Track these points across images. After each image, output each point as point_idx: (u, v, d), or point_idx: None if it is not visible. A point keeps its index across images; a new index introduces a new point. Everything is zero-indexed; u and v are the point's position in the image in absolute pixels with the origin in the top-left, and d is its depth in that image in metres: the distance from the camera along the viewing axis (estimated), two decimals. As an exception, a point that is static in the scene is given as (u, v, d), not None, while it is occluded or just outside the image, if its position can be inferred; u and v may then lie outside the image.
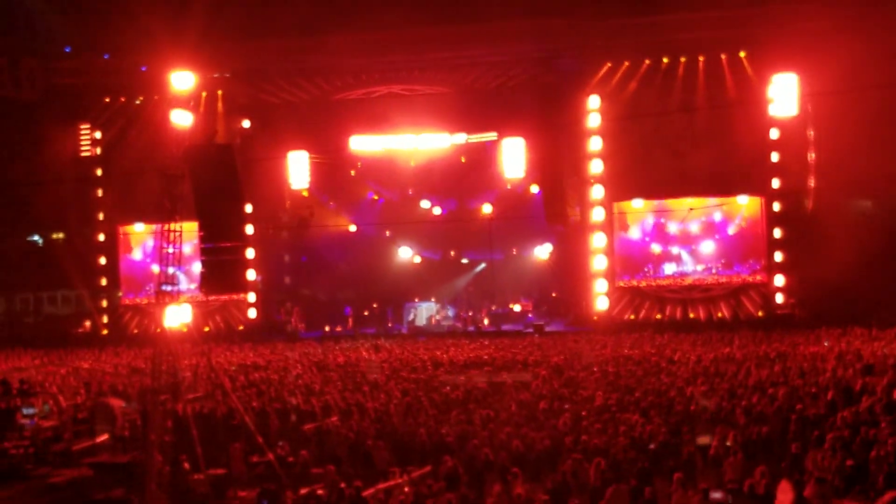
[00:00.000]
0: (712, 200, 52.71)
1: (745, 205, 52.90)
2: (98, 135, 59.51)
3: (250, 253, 49.61)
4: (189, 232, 29.28)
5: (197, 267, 33.56)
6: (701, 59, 52.58)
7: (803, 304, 50.38)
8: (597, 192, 53.99)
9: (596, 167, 53.68)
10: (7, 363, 44.37)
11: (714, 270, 53.35)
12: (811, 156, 51.66)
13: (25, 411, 29.90)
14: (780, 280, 51.82)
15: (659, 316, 53.01)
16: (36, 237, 65.08)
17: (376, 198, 63.58)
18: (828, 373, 29.79)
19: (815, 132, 51.68)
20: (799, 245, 50.50)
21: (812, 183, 51.69)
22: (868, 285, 44.12)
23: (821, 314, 46.84)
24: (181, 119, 27.70)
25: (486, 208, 60.28)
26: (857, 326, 43.02)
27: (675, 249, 53.79)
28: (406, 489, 18.95)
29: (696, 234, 53.52)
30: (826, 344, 36.71)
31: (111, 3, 57.62)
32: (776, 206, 52.07)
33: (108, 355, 46.75)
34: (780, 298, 51.87)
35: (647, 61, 53.33)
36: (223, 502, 22.04)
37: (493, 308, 58.63)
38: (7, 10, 59.85)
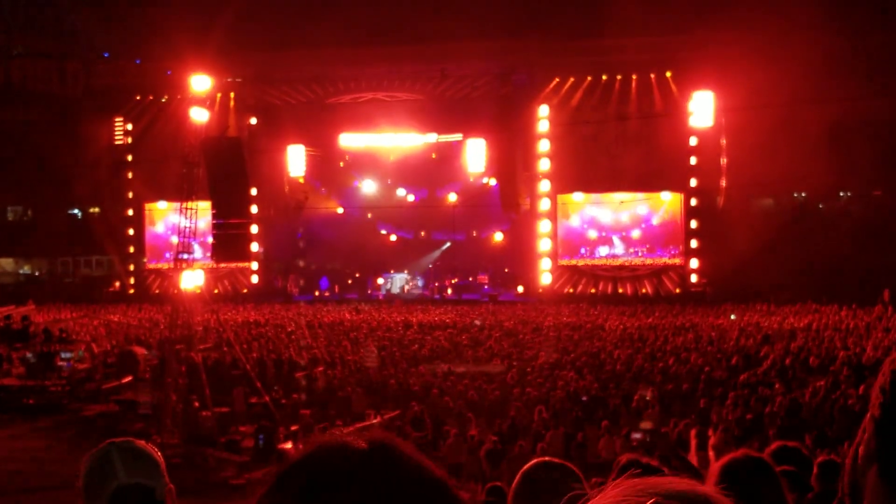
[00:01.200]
0: (639, 195, 52.80)
1: (668, 200, 53.03)
2: (129, 127, 59.37)
3: (254, 228, 49.46)
4: (203, 209, 29.19)
5: (209, 239, 33.29)
6: (633, 76, 52.72)
7: (713, 283, 50.59)
8: (544, 185, 54.08)
9: (544, 165, 53.74)
10: (49, 315, 44.20)
11: (640, 254, 53.48)
12: (723, 160, 51.88)
13: (63, 356, 29.87)
14: (694, 263, 52.05)
15: (593, 290, 53.08)
16: (76, 211, 64.93)
17: (360, 185, 63.54)
18: (732, 341, 30.01)
19: (727, 140, 51.90)
20: (710, 234, 50.70)
21: (723, 183, 51.91)
22: (767, 269, 44.31)
23: (727, 292, 47.06)
24: (199, 115, 27.61)
25: (452, 197, 60.28)
26: (758, 303, 43.32)
27: (606, 235, 53.88)
28: (377, 428, 18.97)
29: (625, 224, 53.63)
30: (733, 317, 36.82)
31: (142, 17, 57.55)
32: (693, 202, 52.30)
33: (134, 311, 46.67)
34: (693, 278, 52.10)
35: (589, 77, 53.39)
36: (226, 435, 22.02)
37: (456, 280, 58.60)
38: (56, 20, 59.78)
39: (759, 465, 3.94)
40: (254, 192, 48.12)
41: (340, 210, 62.24)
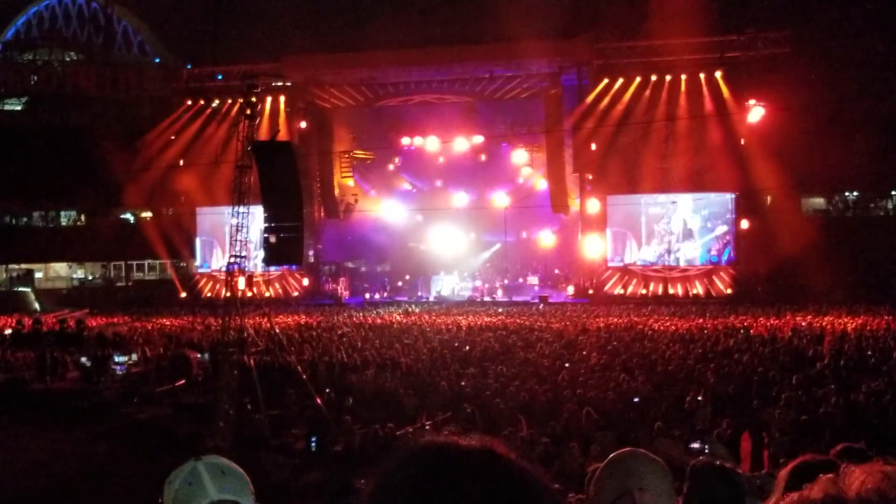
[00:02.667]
0: (689, 195, 52.55)
1: (718, 200, 52.70)
2: (181, 131, 59.75)
3: (305, 232, 49.75)
4: (256, 214, 29.34)
5: (261, 243, 33.48)
6: (683, 77, 52.45)
7: (764, 283, 50.24)
8: (594, 186, 53.98)
9: (594, 165, 53.61)
10: (103, 319, 44.60)
11: (691, 254, 53.26)
12: (773, 160, 51.55)
13: (117, 359, 30.15)
14: (746, 263, 51.70)
15: (644, 291, 52.90)
16: (128, 215, 65.49)
17: (410, 188, 63.70)
18: (785, 341, 29.75)
19: (777, 140, 51.59)
20: (761, 234, 50.35)
21: (773, 183, 51.55)
22: (819, 269, 43.98)
23: (780, 293, 46.78)
24: (250, 119, 27.71)
25: (501, 198, 60.32)
26: (810, 304, 43.00)
27: (657, 236, 53.64)
28: (428, 429, 18.96)
29: (676, 224, 53.35)
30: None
31: (194, 24, 58.08)
32: (743, 202, 51.97)
33: (187, 315, 46.95)
34: (746, 279, 51.74)
35: (639, 78, 53.17)
36: (279, 438, 22.11)
37: (506, 281, 58.60)
38: (110, 29, 60.50)
39: (830, 468, 3.89)
40: (305, 195, 48.35)
41: (390, 212, 62.42)
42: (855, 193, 58.14)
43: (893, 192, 57.68)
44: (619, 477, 3.75)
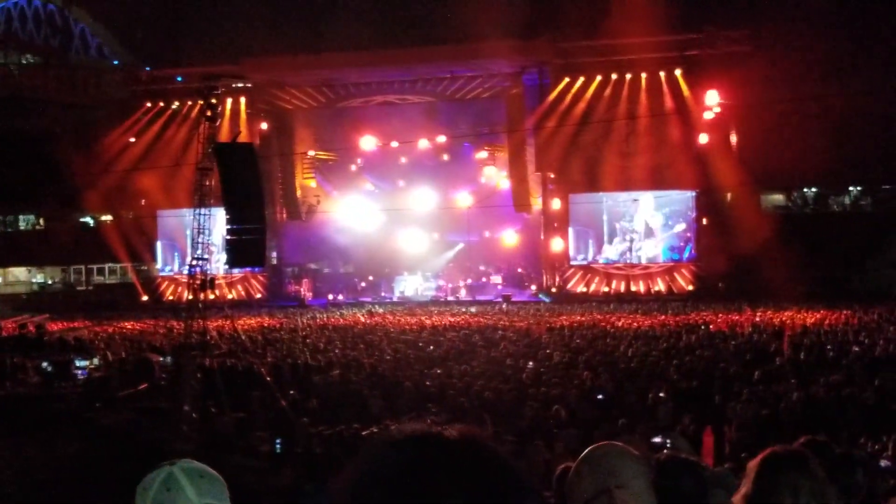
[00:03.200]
0: (651, 193, 52.79)
1: (679, 198, 52.93)
2: (141, 134, 59.40)
3: (268, 234, 49.60)
4: (217, 216, 29.28)
5: (223, 245, 33.42)
6: (643, 75, 52.75)
7: (725, 280, 50.50)
8: (555, 185, 54.16)
9: (556, 164, 53.75)
10: (63, 324, 44.33)
11: (652, 252, 53.50)
12: (733, 157, 51.85)
13: (79, 364, 29.94)
14: (706, 260, 51.95)
15: (606, 289, 53.12)
16: (88, 219, 65.08)
17: (373, 188, 63.63)
18: (745, 337, 29.99)
19: (737, 137, 51.98)
20: (722, 231, 50.59)
21: (733, 179, 51.84)
22: (778, 264, 44.24)
23: (740, 289, 47.04)
24: (211, 121, 27.64)
25: (464, 198, 60.39)
26: (770, 300, 43.30)
27: (618, 234, 53.85)
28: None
29: (637, 222, 53.56)
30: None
31: (153, 25, 57.88)
32: (704, 199, 52.27)
33: (148, 318, 46.72)
34: (706, 275, 52.00)
35: (599, 77, 53.44)
36: (243, 440, 22.06)
37: (469, 281, 58.66)
38: (68, 31, 60.17)
39: (799, 458, 3.97)
40: (266, 197, 48.22)
41: (353, 213, 62.34)
42: (813, 189, 58.54)
43: (851, 188, 58.12)
44: (597, 474, 3.69)
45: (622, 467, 3.68)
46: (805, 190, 58.52)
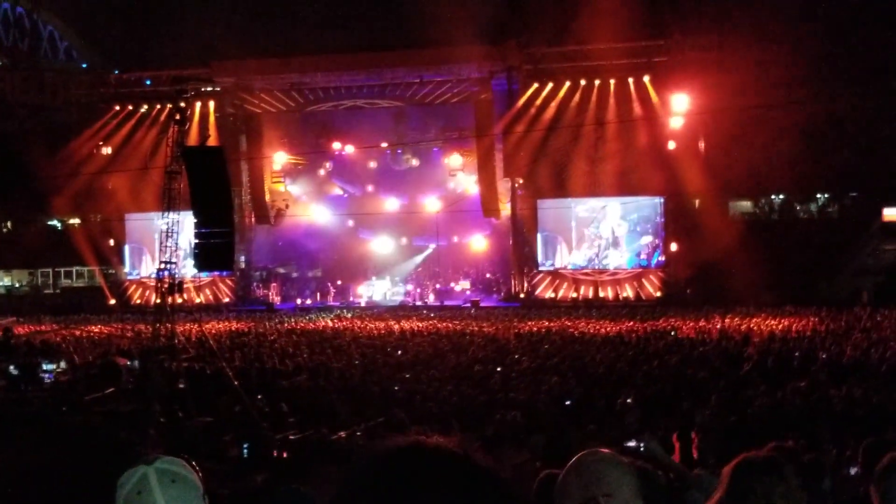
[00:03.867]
0: (619, 199, 52.92)
1: (647, 203, 53.07)
2: (109, 137, 59.09)
3: (236, 237, 49.50)
4: (185, 220, 29.14)
5: (191, 249, 33.35)
6: (612, 81, 52.88)
7: (693, 286, 50.66)
8: (524, 191, 54.26)
9: (524, 170, 53.84)
10: (30, 327, 44.04)
11: (621, 258, 53.61)
12: (701, 163, 52.04)
13: (45, 367, 29.74)
14: (674, 266, 52.12)
15: (574, 295, 53.22)
16: (55, 222, 64.70)
17: (342, 193, 63.53)
18: (713, 343, 30.09)
19: (705, 144, 52.18)
20: (690, 237, 50.79)
21: (701, 186, 52.04)
22: (746, 271, 44.44)
23: (708, 295, 47.20)
24: (179, 125, 27.54)
25: (433, 203, 60.39)
26: (738, 306, 43.46)
27: (587, 239, 53.95)
28: (360, 435, 18.97)
29: (606, 228, 53.67)
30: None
31: (121, 28, 57.64)
32: (672, 205, 52.42)
33: (115, 322, 46.48)
34: (674, 282, 52.16)
35: (568, 83, 53.53)
36: (210, 444, 21.95)
37: (438, 286, 58.65)
38: (36, 34, 59.88)
39: (772, 464, 3.96)
40: (235, 200, 48.09)
41: (321, 218, 62.24)
42: (781, 196, 58.82)
43: (818, 195, 58.42)
44: (584, 482, 3.63)
45: (610, 475, 3.63)
46: (772, 197, 58.79)
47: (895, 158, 50.94)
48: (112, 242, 59.45)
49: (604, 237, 53.57)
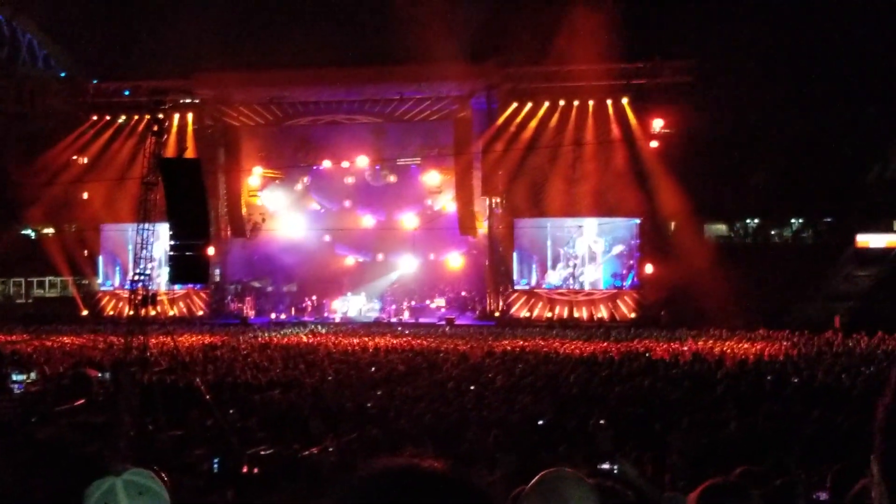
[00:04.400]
0: (595, 220, 53.05)
1: (623, 225, 53.21)
2: (86, 147, 58.88)
3: (211, 250, 49.30)
4: (161, 231, 29.05)
5: (166, 261, 33.28)
6: (590, 103, 53.09)
7: (667, 308, 50.77)
8: (501, 209, 54.33)
9: (501, 189, 53.93)
10: (1, 337, 43.78)
11: (595, 278, 53.71)
12: (677, 186, 52.23)
13: (15, 378, 29.55)
14: (649, 288, 52.23)
15: (549, 314, 53.25)
16: (29, 231, 64.36)
17: (319, 208, 63.42)
18: (686, 365, 30.16)
19: (682, 167, 52.32)
20: (665, 259, 50.93)
21: (677, 208, 52.25)
22: (720, 295, 44.60)
23: (682, 317, 47.31)
24: (157, 136, 27.48)
25: (410, 220, 60.38)
26: (712, 329, 43.60)
27: (563, 259, 54.04)
28: (332, 451, 18.93)
29: (582, 248, 53.79)
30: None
31: (100, 37, 57.48)
32: (648, 227, 52.56)
33: (88, 333, 46.24)
34: (648, 303, 52.25)
35: (547, 103, 53.72)
36: (181, 458, 21.84)
37: (413, 303, 58.60)
38: (14, 42, 59.65)
39: (737, 490, 3.97)
40: (211, 213, 47.98)
41: (298, 232, 62.14)
42: (756, 221, 59.12)
43: (793, 220, 58.75)
44: (548, 501, 3.67)
45: (572, 495, 3.66)
46: (747, 221, 59.09)
47: (869, 185, 51.32)
48: (86, 253, 59.15)
49: (580, 255, 53.65)
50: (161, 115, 28.55)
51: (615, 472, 6.12)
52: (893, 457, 1.75)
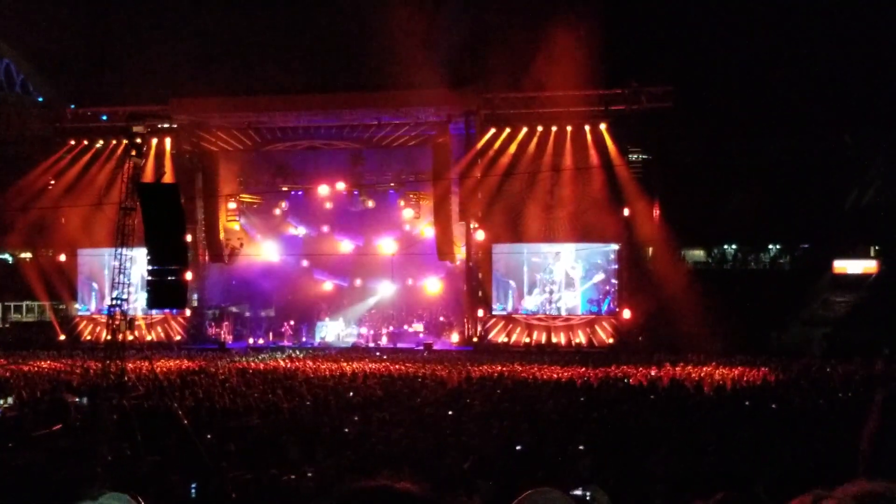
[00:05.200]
0: (573, 245, 53.16)
1: (601, 251, 53.33)
2: (63, 171, 58.73)
3: (189, 275, 49.07)
4: (138, 256, 28.97)
5: (143, 285, 33.21)
6: (568, 129, 53.24)
7: (645, 334, 50.85)
8: (479, 235, 54.34)
9: (479, 215, 53.98)
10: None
11: (573, 304, 53.77)
12: (655, 212, 52.41)
13: (-9, 402, 29.41)
14: (627, 314, 52.30)
15: (527, 339, 53.27)
16: (6, 255, 64.09)
17: (297, 233, 63.36)
18: (664, 391, 30.21)
19: (660, 193, 52.51)
20: (643, 285, 51.05)
21: (655, 234, 52.44)
22: (698, 321, 44.76)
23: (660, 343, 47.40)
24: (135, 161, 27.45)
25: (388, 245, 60.41)
26: (689, 353, 43.70)
27: (540, 286, 54.10)
28: (311, 476, 18.88)
29: (560, 274, 53.85)
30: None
31: (77, 63, 57.43)
32: (626, 253, 52.67)
33: (65, 358, 46.01)
34: (626, 329, 52.31)
35: (525, 129, 53.86)
36: (158, 484, 21.72)
37: (391, 328, 58.55)
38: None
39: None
40: (189, 238, 47.86)
41: (276, 257, 62.10)
42: (733, 247, 59.37)
43: (770, 246, 59.00)
44: None
45: None
46: (725, 247, 59.33)
47: (846, 211, 51.63)
48: (64, 277, 58.92)
49: (556, 281, 53.73)
50: (139, 140, 28.56)
51: (587, 499, 6.12)
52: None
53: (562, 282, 53.81)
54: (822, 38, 50.28)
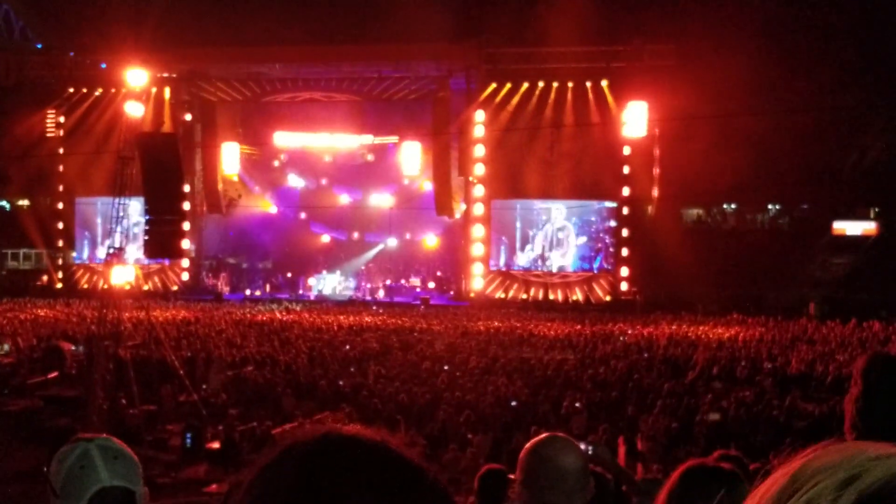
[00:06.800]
0: (572, 202, 53.04)
1: (600, 208, 53.26)
2: (62, 120, 58.49)
3: (186, 225, 48.73)
4: (136, 205, 28.92)
5: (141, 235, 33.15)
6: (570, 85, 52.96)
7: (643, 292, 50.88)
8: (478, 190, 54.17)
9: (479, 170, 53.77)
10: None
11: (572, 261, 53.71)
12: (655, 170, 52.33)
13: (-13, 349, 29.45)
14: (625, 271, 52.27)
15: (525, 296, 53.25)
16: (4, 203, 63.94)
17: (295, 185, 63.26)
18: (660, 350, 30.24)
19: (660, 151, 52.38)
20: (641, 243, 51.00)
21: (655, 192, 52.38)
22: (696, 279, 44.75)
23: (657, 301, 47.46)
24: (134, 110, 27.38)
25: (386, 199, 60.34)
26: (686, 313, 43.74)
27: (539, 241, 54.05)
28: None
29: (558, 230, 53.78)
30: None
31: (77, 9, 57.07)
32: (625, 210, 52.55)
33: (61, 306, 46.04)
34: (624, 287, 52.32)
35: (526, 84, 53.59)
36: (153, 433, 21.79)
37: (388, 282, 58.55)
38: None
39: (722, 475, 3.96)
40: (187, 188, 47.73)
41: (274, 209, 62.04)
42: (733, 206, 59.24)
43: (770, 206, 58.87)
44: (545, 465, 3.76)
45: (568, 459, 3.77)
46: (724, 206, 59.21)
47: (846, 172, 51.52)
48: (61, 225, 58.83)
49: (548, 238, 53.66)
50: (138, 89, 28.45)
51: (590, 453, 6.13)
52: None
53: (553, 239, 53.71)
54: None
